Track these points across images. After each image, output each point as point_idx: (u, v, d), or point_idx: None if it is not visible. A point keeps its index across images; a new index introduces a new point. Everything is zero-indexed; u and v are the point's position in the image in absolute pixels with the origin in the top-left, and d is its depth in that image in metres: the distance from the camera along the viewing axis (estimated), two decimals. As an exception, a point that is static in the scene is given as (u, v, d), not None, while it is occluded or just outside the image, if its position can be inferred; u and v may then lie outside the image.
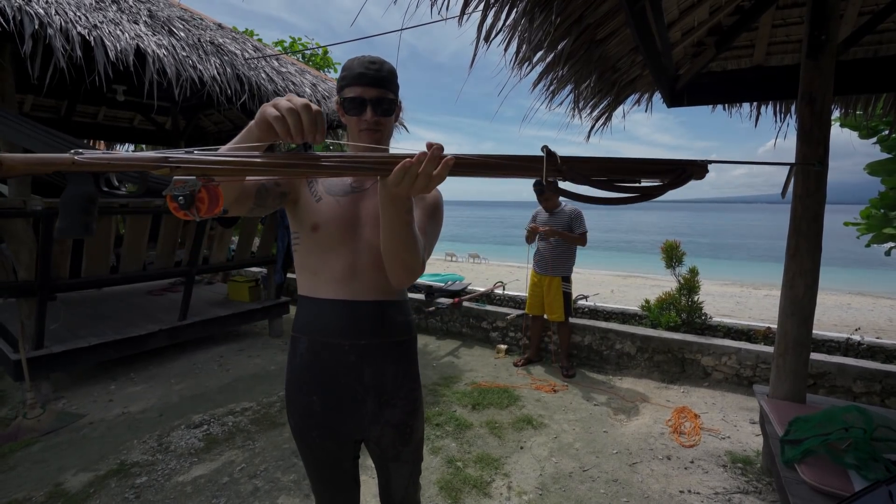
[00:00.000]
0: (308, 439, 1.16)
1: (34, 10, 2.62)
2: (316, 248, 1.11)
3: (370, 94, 1.06)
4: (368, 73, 1.06)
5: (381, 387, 1.13)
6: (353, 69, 1.07)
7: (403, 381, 1.17)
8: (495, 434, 2.83)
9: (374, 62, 1.08)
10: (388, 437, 1.16)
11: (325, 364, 1.11)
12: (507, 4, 2.02)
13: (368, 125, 1.08)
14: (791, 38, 2.89)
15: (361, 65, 1.07)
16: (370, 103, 1.06)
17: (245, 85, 3.78)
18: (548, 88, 2.91)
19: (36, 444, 2.73)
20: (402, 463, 1.21)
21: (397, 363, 1.16)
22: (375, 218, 1.10)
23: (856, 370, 3.09)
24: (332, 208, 1.10)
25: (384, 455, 1.20)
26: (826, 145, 2.23)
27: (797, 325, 2.31)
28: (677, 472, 2.47)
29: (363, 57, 1.09)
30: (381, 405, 1.14)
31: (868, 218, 4.34)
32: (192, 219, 0.67)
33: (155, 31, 3.37)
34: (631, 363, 3.91)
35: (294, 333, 1.16)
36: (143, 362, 4.01)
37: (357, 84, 1.06)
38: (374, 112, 1.07)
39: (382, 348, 1.13)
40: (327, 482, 1.21)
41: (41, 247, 3.05)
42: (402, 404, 1.16)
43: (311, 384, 1.12)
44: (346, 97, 1.07)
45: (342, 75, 1.10)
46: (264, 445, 2.70)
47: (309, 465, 1.20)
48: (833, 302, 8.69)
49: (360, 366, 1.11)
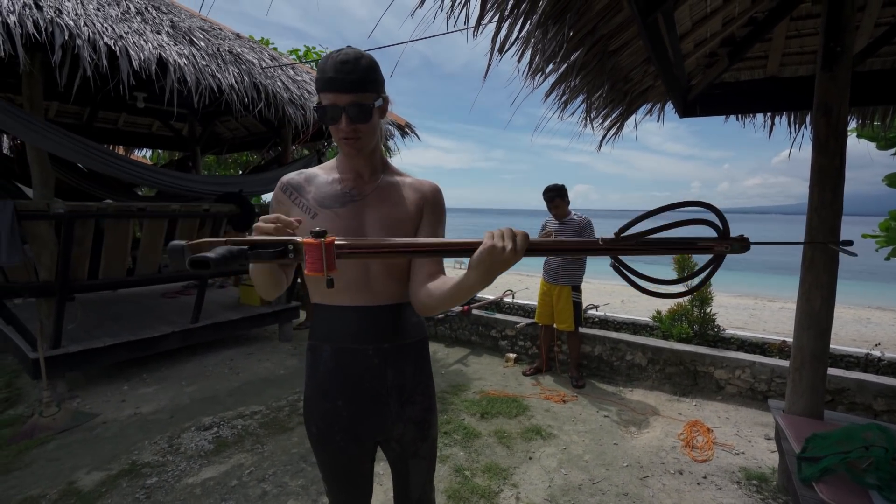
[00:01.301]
0: (332, 444, 1.16)
1: (64, 22, 2.72)
2: None
3: (343, 101, 0.99)
4: (338, 78, 0.97)
5: (401, 386, 1.16)
6: (324, 72, 0.99)
7: (420, 378, 1.20)
8: (504, 443, 2.81)
9: (347, 61, 0.97)
10: (410, 434, 1.19)
11: (349, 370, 1.12)
12: (521, 17, 2.04)
13: (346, 134, 1.02)
14: (805, 49, 2.88)
15: (332, 68, 0.98)
16: (344, 111, 0.99)
17: (261, 93, 3.87)
18: (560, 98, 2.92)
19: (51, 442, 2.78)
20: (420, 459, 1.24)
21: (415, 362, 1.19)
22: (380, 225, 1.09)
23: (876, 387, 3.01)
24: (331, 221, 1.07)
25: (404, 452, 1.22)
26: (842, 156, 2.20)
27: (814, 338, 2.27)
28: (689, 487, 2.43)
29: (335, 55, 0.99)
30: (402, 403, 1.17)
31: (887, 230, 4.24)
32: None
33: (176, 41, 3.48)
34: (642, 375, 3.86)
35: (314, 342, 1.15)
36: (155, 364, 4.07)
37: (328, 90, 0.98)
38: (350, 120, 1.00)
39: (402, 349, 1.15)
40: (345, 484, 1.22)
41: (62, 249, 3.13)
42: (420, 400, 1.20)
43: (335, 390, 1.13)
44: (319, 106, 1.01)
45: (316, 77, 1.01)
46: (273, 449, 2.72)
47: (328, 470, 1.21)
48: (851, 316, 8.48)
49: (384, 368, 1.13)
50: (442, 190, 1.20)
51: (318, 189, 1.11)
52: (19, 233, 2.93)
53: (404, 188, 1.15)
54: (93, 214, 3.27)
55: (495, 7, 1.97)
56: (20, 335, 3.45)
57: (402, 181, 1.17)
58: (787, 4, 2.29)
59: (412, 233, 1.13)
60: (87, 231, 3.27)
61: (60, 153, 3.25)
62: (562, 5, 2.03)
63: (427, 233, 1.15)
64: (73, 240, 3.15)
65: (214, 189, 4.42)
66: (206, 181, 4.76)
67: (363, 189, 1.12)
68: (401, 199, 1.13)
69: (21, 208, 2.97)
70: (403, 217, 1.11)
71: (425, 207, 1.14)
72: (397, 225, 1.10)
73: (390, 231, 1.09)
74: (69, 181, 4.65)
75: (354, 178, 1.13)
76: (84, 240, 3.28)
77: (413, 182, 1.18)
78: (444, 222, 1.19)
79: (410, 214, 1.13)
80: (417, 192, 1.15)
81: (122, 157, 3.95)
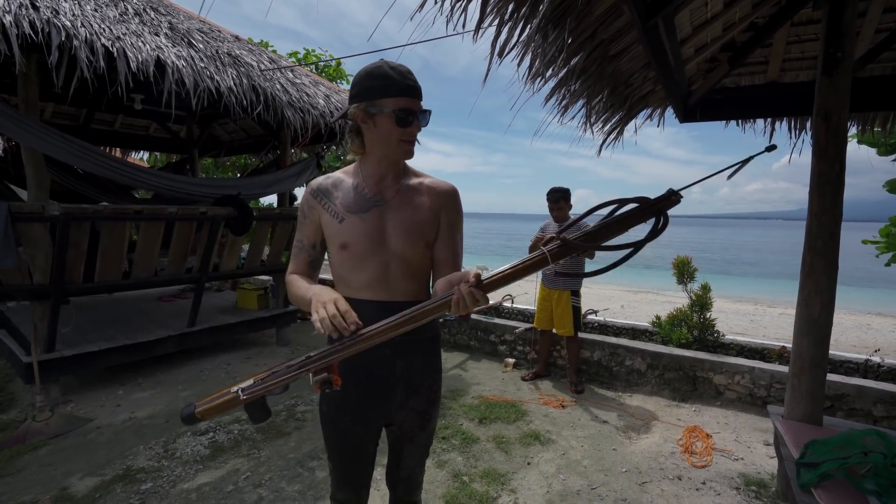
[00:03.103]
0: (341, 424, 1.25)
1: (61, 23, 2.70)
2: (346, 263, 1.19)
3: (418, 107, 1.11)
4: (414, 86, 1.09)
5: (409, 378, 1.24)
6: (394, 79, 1.08)
7: (429, 372, 1.28)
8: (502, 449, 2.79)
9: (411, 74, 1.10)
10: (410, 422, 1.28)
11: (362, 358, 1.17)
12: (521, 20, 2.03)
13: (412, 137, 1.13)
14: (806, 55, 2.88)
15: (403, 77, 1.08)
16: (418, 117, 1.11)
17: (260, 95, 3.85)
18: (560, 102, 2.91)
19: (44, 448, 2.75)
20: (416, 445, 1.33)
21: (425, 357, 1.27)
22: (401, 230, 1.18)
23: (876, 393, 3.00)
24: (357, 227, 1.16)
25: (403, 436, 1.31)
26: (842, 162, 2.19)
27: (813, 344, 2.26)
28: (688, 493, 2.41)
29: (397, 67, 1.10)
30: (408, 394, 1.25)
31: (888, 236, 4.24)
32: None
33: (175, 42, 3.46)
34: (641, 380, 3.84)
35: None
36: (150, 368, 4.04)
37: (407, 96, 1.08)
38: (421, 125, 1.13)
39: (413, 344, 1.23)
40: (349, 461, 1.31)
41: (56, 251, 3.10)
42: (425, 392, 1.28)
43: (347, 375, 1.19)
44: (397, 108, 1.08)
45: (378, 83, 1.09)
46: (269, 455, 2.69)
47: (334, 448, 1.30)
48: (851, 322, 8.48)
49: (394, 359, 1.21)
50: (459, 191, 1.28)
51: (344, 195, 1.20)
52: (13, 235, 2.90)
53: (423, 191, 1.23)
54: (88, 217, 3.24)
55: (495, 11, 1.96)
56: (13, 339, 3.42)
57: (422, 184, 1.25)
58: (787, 10, 2.29)
59: (432, 234, 1.22)
60: (82, 234, 3.24)
61: (56, 155, 3.22)
62: (562, 9, 2.02)
63: (445, 233, 1.24)
64: (68, 242, 3.12)
65: (212, 192, 4.39)
66: (204, 184, 4.74)
67: (385, 194, 1.20)
68: (421, 203, 1.22)
69: (15, 210, 2.94)
70: (423, 220, 1.20)
71: (443, 210, 1.24)
72: (417, 228, 1.19)
73: (410, 234, 1.18)
74: (65, 183, 4.62)
75: (377, 182, 1.21)
76: (79, 242, 3.25)
77: (432, 184, 1.26)
78: (461, 222, 1.29)
79: (429, 218, 1.22)
80: (435, 195, 1.24)
81: (118, 160, 3.92)
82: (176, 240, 3.91)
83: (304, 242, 1.24)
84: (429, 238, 1.21)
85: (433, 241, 1.23)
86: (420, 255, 1.20)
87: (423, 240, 1.20)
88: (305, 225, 1.23)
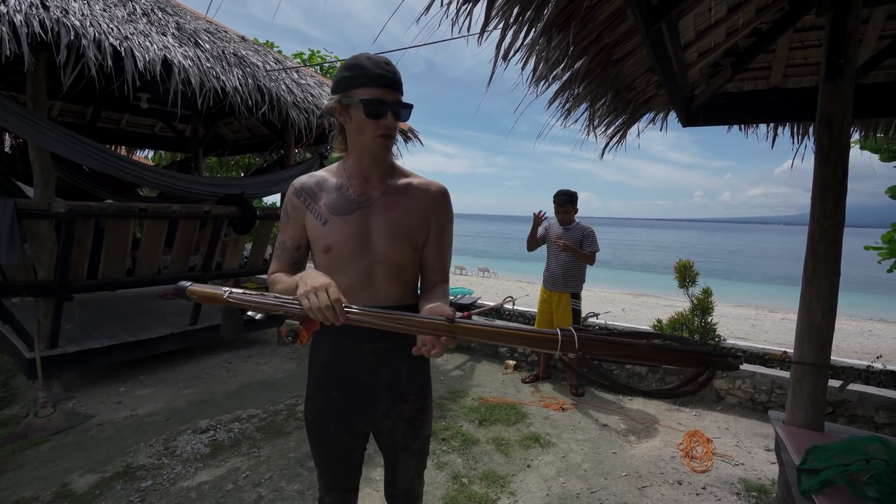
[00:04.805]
0: (325, 432, 1.22)
1: (70, 22, 2.73)
2: (330, 267, 1.12)
3: (391, 98, 1.03)
4: (387, 75, 1.02)
5: (395, 385, 1.20)
6: (367, 68, 1.01)
7: (416, 378, 1.24)
8: (502, 451, 2.79)
9: (389, 63, 1.04)
10: (400, 430, 1.24)
11: (345, 364, 1.17)
12: (525, 24, 2.04)
13: (387, 131, 1.05)
14: (809, 61, 2.88)
15: (377, 66, 1.01)
16: (391, 108, 1.03)
17: (265, 96, 3.88)
18: (563, 106, 2.92)
19: (45, 444, 2.76)
20: (410, 455, 1.29)
21: (411, 363, 1.21)
22: (386, 232, 1.12)
23: (878, 399, 2.99)
24: (341, 229, 1.10)
25: (395, 446, 1.27)
26: (845, 168, 2.19)
27: (815, 350, 2.25)
28: (688, 497, 2.40)
29: (374, 56, 1.03)
30: (394, 401, 1.21)
31: (890, 242, 4.23)
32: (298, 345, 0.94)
33: (182, 42, 3.49)
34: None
35: (317, 336, 1.20)
36: (152, 365, 4.05)
37: (377, 86, 1.01)
38: (395, 117, 1.05)
39: (399, 350, 1.18)
40: (335, 468, 1.29)
41: (61, 248, 3.12)
42: (413, 399, 1.23)
43: (331, 382, 1.18)
44: (366, 98, 1.01)
45: (352, 73, 1.03)
46: (269, 454, 2.69)
47: (320, 455, 1.27)
48: (853, 328, 8.45)
49: (378, 366, 1.18)
50: (449, 191, 1.22)
51: (328, 195, 1.14)
52: (19, 231, 2.93)
53: (411, 193, 1.17)
54: (93, 214, 3.26)
55: (500, 14, 1.98)
56: (17, 334, 3.43)
57: (410, 184, 1.18)
58: (791, 16, 2.30)
59: (419, 237, 1.17)
60: (87, 231, 3.26)
61: (62, 152, 3.24)
62: (566, 14, 2.04)
63: (435, 236, 1.19)
64: (73, 239, 3.14)
65: (216, 191, 4.42)
66: (208, 183, 4.76)
67: (371, 195, 1.14)
68: (408, 205, 1.15)
69: (21, 206, 2.97)
70: (409, 223, 1.15)
71: (432, 212, 1.18)
72: (403, 231, 1.14)
73: (397, 237, 1.13)
74: (71, 180, 4.66)
75: (361, 182, 1.14)
76: (84, 239, 3.27)
77: (420, 184, 1.19)
78: (450, 225, 1.23)
79: (417, 220, 1.16)
80: (424, 197, 1.18)
81: (123, 158, 3.95)
82: (180, 238, 3.93)
83: (288, 244, 1.18)
84: (416, 241, 1.15)
85: (421, 243, 1.18)
86: (406, 258, 1.15)
87: (409, 243, 1.14)
88: (289, 226, 1.18)
